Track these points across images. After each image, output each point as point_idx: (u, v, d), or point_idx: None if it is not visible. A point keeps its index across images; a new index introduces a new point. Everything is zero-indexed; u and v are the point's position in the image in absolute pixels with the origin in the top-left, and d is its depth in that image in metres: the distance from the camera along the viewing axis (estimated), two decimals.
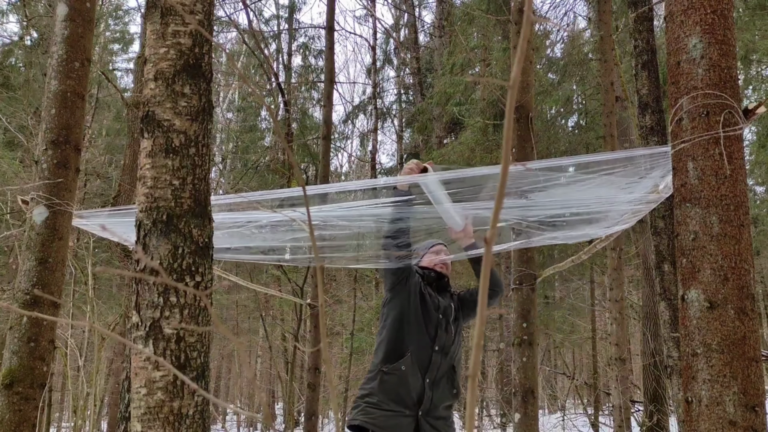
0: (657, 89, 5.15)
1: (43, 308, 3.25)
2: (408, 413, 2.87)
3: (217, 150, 16.35)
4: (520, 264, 4.48)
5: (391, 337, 2.97)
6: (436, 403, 2.95)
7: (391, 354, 2.94)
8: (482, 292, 0.67)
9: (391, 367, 2.91)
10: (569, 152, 10.82)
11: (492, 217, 0.65)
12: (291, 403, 11.54)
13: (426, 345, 2.98)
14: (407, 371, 2.90)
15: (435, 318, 3.04)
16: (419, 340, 2.97)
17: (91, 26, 3.66)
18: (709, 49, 2.23)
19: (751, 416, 2.01)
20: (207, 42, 2.11)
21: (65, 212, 3.37)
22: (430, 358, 2.97)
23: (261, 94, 12.49)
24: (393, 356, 2.93)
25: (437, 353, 2.99)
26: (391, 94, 18.26)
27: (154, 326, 1.91)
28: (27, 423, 3.14)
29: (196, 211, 2.01)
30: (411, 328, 2.98)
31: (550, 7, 10.70)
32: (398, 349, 2.94)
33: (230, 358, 20.32)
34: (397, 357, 2.93)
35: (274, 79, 9.68)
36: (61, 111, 3.43)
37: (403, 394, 2.88)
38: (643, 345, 8.86)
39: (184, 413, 1.88)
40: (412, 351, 2.93)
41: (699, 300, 2.13)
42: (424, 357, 2.96)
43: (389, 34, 17.44)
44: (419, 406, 2.90)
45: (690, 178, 2.21)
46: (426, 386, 2.92)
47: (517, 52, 0.63)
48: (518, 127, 4.59)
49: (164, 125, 2.01)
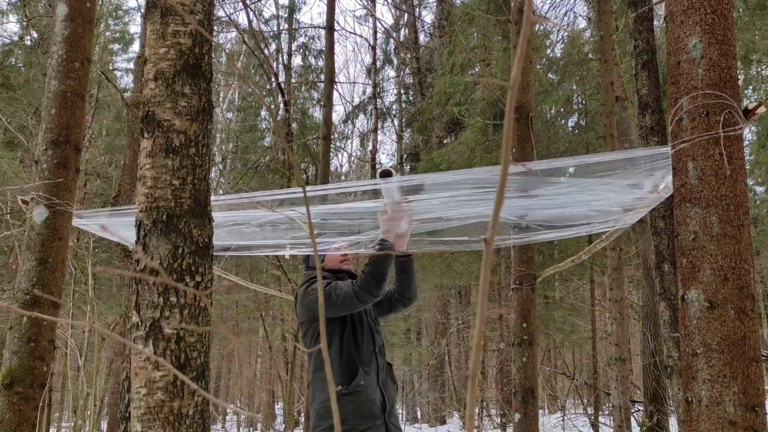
0: (657, 89, 5.15)
1: (43, 308, 3.25)
2: (379, 423, 2.89)
3: (217, 150, 16.35)
4: (520, 264, 4.48)
5: (340, 358, 2.92)
6: (392, 402, 3.01)
7: (346, 374, 2.91)
8: (482, 292, 0.67)
9: (350, 387, 2.87)
10: (569, 152, 10.82)
11: (492, 217, 0.65)
12: (291, 403, 11.53)
13: (370, 352, 2.99)
14: (366, 384, 2.90)
15: (368, 324, 3.06)
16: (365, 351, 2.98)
17: (91, 26, 3.66)
18: (709, 49, 2.23)
19: (751, 416, 2.01)
20: (207, 42, 2.11)
21: (65, 212, 3.37)
22: (377, 363, 3.00)
23: (261, 94, 12.49)
24: (348, 376, 2.91)
25: (379, 356, 3.03)
26: (391, 94, 18.27)
27: (154, 326, 1.91)
28: (27, 423, 3.14)
29: (196, 211, 2.01)
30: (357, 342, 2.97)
31: (550, 7, 10.70)
32: (352, 367, 2.92)
33: (230, 358, 20.32)
34: (353, 375, 2.90)
35: (274, 79, 9.68)
36: (61, 111, 3.43)
37: (370, 407, 2.88)
38: (643, 345, 8.85)
39: (184, 413, 1.88)
40: (362, 363, 2.93)
41: (699, 300, 2.13)
42: (372, 365, 2.98)
43: (389, 34, 17.44)
44: (384, 411, 2.93)
45: (690, 178, 2.21)
46: (382, 390, 2.96)
47: (517, 52, 0.63)
48: (518, 127, 4.59)
49: (164, 125, 2.01)
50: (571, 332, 13.34)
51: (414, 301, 3.25)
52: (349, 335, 2.95)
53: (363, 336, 2.99)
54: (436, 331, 16.10)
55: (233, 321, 16.47)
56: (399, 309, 3.21)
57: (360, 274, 2.94)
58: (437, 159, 11.08)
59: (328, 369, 0.83)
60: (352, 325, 2.98)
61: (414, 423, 16.59)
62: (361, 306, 2.89)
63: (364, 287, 2.84)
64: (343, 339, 2.94)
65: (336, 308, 2.88)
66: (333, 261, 3.16)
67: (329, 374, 0.85)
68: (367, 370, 2.92)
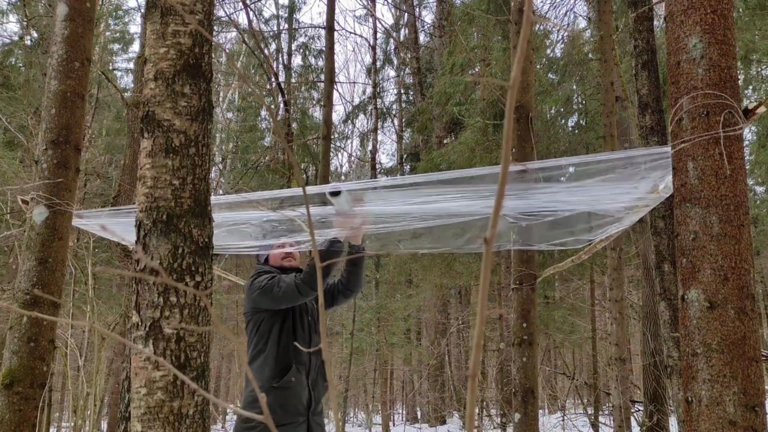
0: (657, 89, 5.15)
1: (43, 308, 3.25)
2: (301, 420, 2.96)
3: (217, 150, 16.34)
4: (520, 264, 4.48)
5: (276, 351, 2.98)
6: (318, 401, 3.08)
7: (280, 368, 2.97)
8: (482, 292, 0.67)
9: (281, 382, 2.94)
10: (569, 152, 10.82)
11: (492, 217, 0.65)
12: None
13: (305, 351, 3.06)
14: (296, 381, 2.97)
15: (307, 322, 3.13)
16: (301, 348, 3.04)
17: (91, 26, 3.66)
18: (709, 49, 2.23)
19: (751, 416, 2.01)
20: (207, 42, 2.11)
21: (65, 212, 3.37)
22: (310, 361, 3.07)
23: (261, 94, 12.49)
24: (282, 370, 2.97)
25: (314, 355, 3.09)
26: (391, 94, 18.28)
27: (154, 326, 1.91)
28: (27, 423, 3.14)
29: (196, 211, 2.01)
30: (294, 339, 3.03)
31: (550, 7, 10.71)
32: (286, 362, 2.98)
33: (230, 358, 20.32)
34: (286, 370, 2.97)
35: (274, 79, 9.67)
36: (61, 111, 3.43)
37: (296, 403, 2.95)
38: (643, 345, 8.85)
39: (184, 413, 1.88)
40: (296, 360, 2.99)
41: (699, 300, 2.13)
42: (306, 363, 3.05)
43: (389, 34, 17.44)
44: (309, 409, 3.00)
45: (690, 178, 2.21)
46: (310, 389, 3.03)
47: (517, 52, 0.63)
48: (518, 127, 4.59)
49: (164, 125, 2.01)
50: (571, 332, 13.34)
51: (357, 292, 3.35)
52: (288, 330, 3.02)
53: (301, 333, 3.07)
54: (436, 331, 16.09)
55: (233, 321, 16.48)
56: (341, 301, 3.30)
57: (304, 268, 3.03)
58: (437, 159, 11.08)
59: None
60: (292, 322, 3.05)
61: (414, 423, 16.59)
62: (302, 298, 2.97)
63: (306, 280, 2.93)
64: (281, 334, 3.00)
65: (277, 300, 2.96)
66: (276, 259, 3.25)
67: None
68: (299, 367, 2.99)
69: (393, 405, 18.06)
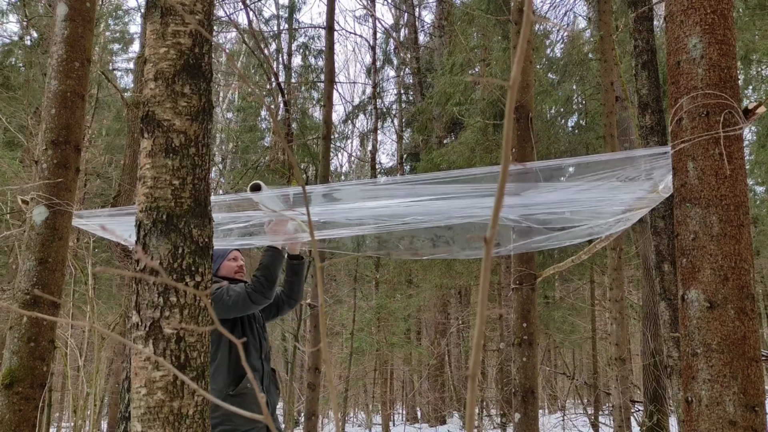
0: (657, 89, 5.15)
1: (43, 308, 3.25)
2: (261, 425, 3.01)
3: (217, 150, 16.34)
4: (520, 264, 4.48)
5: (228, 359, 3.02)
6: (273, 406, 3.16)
7: (233, 376, 3.01)
8: (482, 292, 0.67)
9: (237, 389, 2.99)
10: (569, 152, 10.82)
11: (492, 217, 0.65)
12: (291, 403, 11.53)
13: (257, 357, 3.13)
14: (252, 387, 2.99)
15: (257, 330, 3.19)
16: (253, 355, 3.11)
17: (91, 26, 3.66)
18: (709, 49, 2.23)
19: (751, 416, 2.01)
20: (207, 42, 2.11)
21: (65, 212, 3.37)
22: (262, 368, 3.13)
23: (261, 94, 12.49)
24: (236, 378, 3.01)
25: (265, 361, 3.16)
26: (391, 94, 18.28)
27: (154, 326, 1.91)
28: (27, 423, 3.14)
29: (196, 211, 2.01)
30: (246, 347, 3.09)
31: (550, 7, 10.71)
32: (240, 370, 3.02)
33: None
34: (241, 378, 3.01)
35: (274, 79, 9.68)
36: (61, 111, 3.43)
37: (255, 409, 2.99)
38: (643, 345, 8.86)
39: (184, 413, 1.88)
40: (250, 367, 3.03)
41: (699, 300, 2.13)
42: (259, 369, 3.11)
43: (389, 34, 17.44)
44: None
45: (690, 178, 2.21)
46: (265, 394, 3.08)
47: (517, 52, 0.63)
48: (518, 127, 4.59)
49: (164, 125, 2.01)
50: (571, 332, 13.35)
51: (299, 302, 3.43)
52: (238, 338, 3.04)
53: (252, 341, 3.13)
54: (436, 331, 16.10)
55: None
56: (285, 310, 3.38)
57: (252, 278, 3.08)
58: (437, 159, 11.09)
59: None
60: (242, 330, 3.10)
61: (414, 423, 16.59)
62: (253, 307, 3.03)
63: (257, 289, 2.99)
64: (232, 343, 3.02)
65: (228, 309, 3.00)
66: (228, 270, 3.30)
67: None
68: (254, 374, 3.05)
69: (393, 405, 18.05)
